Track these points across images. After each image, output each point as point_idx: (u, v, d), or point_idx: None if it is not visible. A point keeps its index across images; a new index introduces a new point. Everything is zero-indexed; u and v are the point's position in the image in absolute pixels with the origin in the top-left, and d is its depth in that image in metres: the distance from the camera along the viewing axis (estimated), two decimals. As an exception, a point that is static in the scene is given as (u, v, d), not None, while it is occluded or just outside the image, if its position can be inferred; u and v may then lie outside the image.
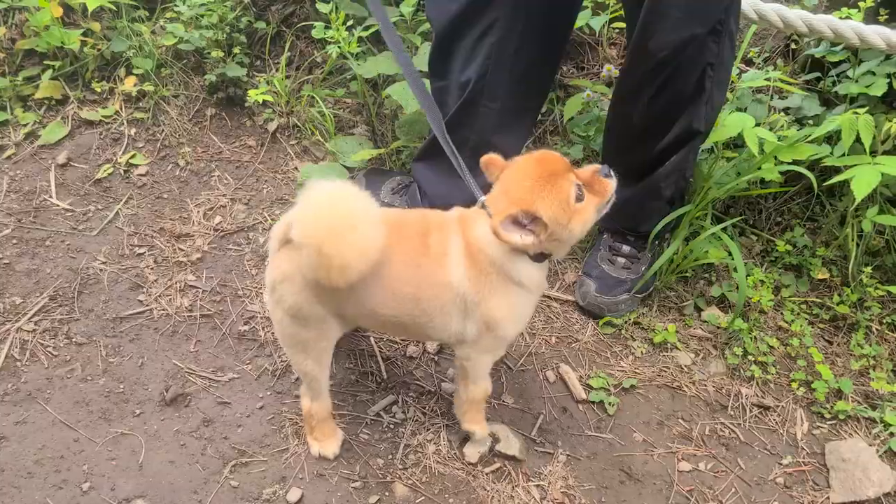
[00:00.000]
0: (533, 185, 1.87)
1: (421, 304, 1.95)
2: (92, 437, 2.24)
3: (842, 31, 2.66)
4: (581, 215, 1.91)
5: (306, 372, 2.08)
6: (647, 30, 2.24)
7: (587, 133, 3.12)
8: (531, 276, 1.97)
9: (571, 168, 1.93)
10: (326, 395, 2.15)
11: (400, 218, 2.07)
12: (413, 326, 2.02)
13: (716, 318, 2.74)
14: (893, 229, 2.83)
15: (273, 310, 2.00)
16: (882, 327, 2.76)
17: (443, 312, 1.97)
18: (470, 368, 2.12)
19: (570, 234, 1.93)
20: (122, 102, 3.25)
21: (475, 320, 1.98)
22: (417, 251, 1.95)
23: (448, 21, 2.46)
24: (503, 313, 1.97)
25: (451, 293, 1.95)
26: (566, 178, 1.89)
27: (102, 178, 3.04)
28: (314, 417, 2.16)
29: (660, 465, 2.33)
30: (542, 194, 1.85)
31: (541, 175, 1.88)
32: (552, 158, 1.94)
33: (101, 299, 2.62)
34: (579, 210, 1.90)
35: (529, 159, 1.94)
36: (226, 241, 2.86)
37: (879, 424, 2.48)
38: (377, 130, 3.26)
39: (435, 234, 1.97)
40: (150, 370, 2.43)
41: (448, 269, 1.94)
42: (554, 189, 1.86)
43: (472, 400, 2.20)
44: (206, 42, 3.23)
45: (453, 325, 2.00)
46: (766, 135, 2.63)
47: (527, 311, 2.08)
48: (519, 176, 1.91)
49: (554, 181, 1.87)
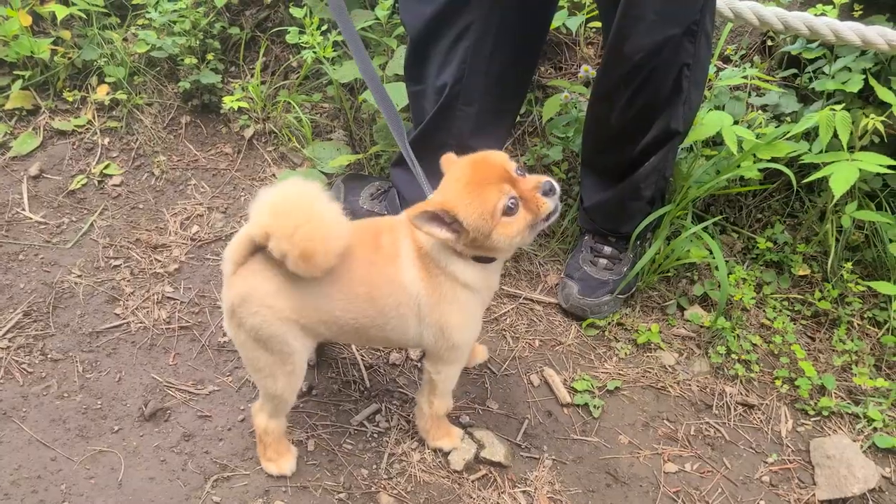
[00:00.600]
0: (461, 188, 1.83)
1: (376, 303, 1.94)
2: (70, 455, 2.19)
3: (817, 27, 2.66)
4: (506, 228, 1.84)
5: (275, 395, 2.02)
6: (622, 33, 2.23)
7: (566, 134, 3.11)
8: (475, 276, 1.96)
9: (511, 176, 1.86)
10: (284, 416, 2.13)
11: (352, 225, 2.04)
12: (373, 330, 1.99)
13: (698, 317, 2.74)
14: (873, 224, 2.84)
15: (235, 335, 1.95)
16: (863, 322, 2.77)
17: (399, 314, 1.96)
18: (439, 382, 2.12)
19: (494, 244, 1.86)
20: (95, 111, 3.21)
21: (429, 325, 1.97)
22: (370, 251, 1.95)
23: (423, 25, 2.44)
24: (454, 319, 1.97)
25: (405, 294, 1.94)
26: (497, 188, 1.82)
27: (76, 190, 2.99)
28: (269, 435, 2.11)
29: (646, 467, 2.33)
30: (467, 200, 1.81)
31: (472, 180, 1.84)
32: (491, 163, 1.88)
33: (76, 313, 2.57)
34: (505, 223, 1.83)
35: (468, 160, 1.90)
36: (203, 250, 2.83)
37: (863, 420, 2.48)
38: (355, 135, 3.23)
39: (386, 235, 1.97)
40: (128, 385, 2.39)
41: (400, 269, 1.94)
42: (479, 197, 1.81)
43: (436, 415, 2.20)
44: (179, 49, 3.19)
45: (411, 330, 1.99)
46: (745, 133, 2.64)
47: (476, 313, 2.05)
48: (455, 175, 1.88)
49: (482, 189, 1.82)
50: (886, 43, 2.57)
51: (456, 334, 1.99)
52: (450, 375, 2.13)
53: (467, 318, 2.02)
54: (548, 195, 1.87)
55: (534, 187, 1.87)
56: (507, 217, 1.84)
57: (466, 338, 2.06)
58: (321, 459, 2.23)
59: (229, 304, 1.90)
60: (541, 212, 1.88)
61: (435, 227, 1.83)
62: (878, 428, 2.45)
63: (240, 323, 1.90)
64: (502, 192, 1.82)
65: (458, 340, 2.01)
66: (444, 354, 2.05)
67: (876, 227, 2.84)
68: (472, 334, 2.09)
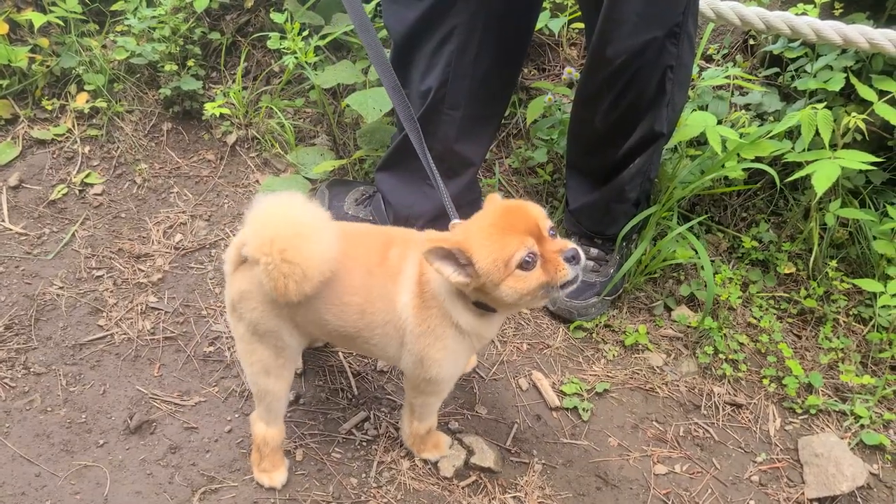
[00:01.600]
0: (485, 230, 1.76)
1: (365, 317, 1.92)
2: (54, 471, 2.16)
3: (798, 27, 2.67)
4: (517, 283, 1.75)
5: (268, 390, 2.03)
6: (605, 35, 2.23)
7: (551, 136, 3.11)
8: (469, 322, 1.90)
9: (539, 232, 1.77)
10: (282, 419, 2.12)
11: (366, 230, 2.07)
12: (359, 340, 1.98)
13: (685, 317, 2.74)
14: (856, 221, 2.86)
15: (234, 328, 2.00)
16: (849, 319, 2.78)
17: (384, 333, 1.94)
18: (417, 408, 2.12)
19: (500, 296, 1.77)
20: (75, 120, 3.16)
21: (410, 353, 1.95)
22: (375, 261, 1.93)
23: (406, 30, 2.43)
24: (436, 354, 1.93)
25: (394, 314, 1.91)
26: (519, 239, 1.74)
27: (57, 200, 2.95)
28: (268, 445, 2.10)
29: (636, 470, 2.33)
30: (486, 242, 1.74)
31: (498, 224, 1.77)
32: (524, 214, 1.79)
33: (59, 326, 2.54)
34: (517, 277, 1.75)
35: (503, 205, 1.83)
36: (187, 259, 2.80)
37: (850, 417, 2.50)
38: (338, 140, 3.21)
39: (396, 249, 1.94)
40: (112, 398, 2.36)
41: (397, 289, 1.90)
42: (499, 243, 1.73)
43: (417, 434, 2.20)
44: (159, 55, 3.16)
45: (391, 350, 1.98)
46: (729, 133, 2.64)
47: (460, 358, 2.01)
48: (484, 215, 1.83)
49: (504, 236, 1.74)
50: (867, 41, 2.58)
51: (434, 368, 1.95)
52: (427, 404, 2.12)
53: (449, 357, 1.95)
54: (570, 262, 1.77)
55: (558, 250, 1.77)
56: (521, 271, 1.75)
57: (444, 375, 1.99)
58: (310, 469, 2.21)
59: (230, 300, 1.95)
60: (558, 276, 1.77)
61: (448, 265, 1.75)
62: (865, 425, 2.47)
63: (240, 317, 1.94)
64: (523, 244, 1.74)
65: (435, 375, 1.96)
66: (421, 385, 2.02)
67: (860, 224, 2.86)
68: (451, 373, 2.03)
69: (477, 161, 2.72)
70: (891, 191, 2.96)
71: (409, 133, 2.12)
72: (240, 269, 1.91)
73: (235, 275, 1.93)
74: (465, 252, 1.74)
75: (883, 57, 2.74)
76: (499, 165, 3.16)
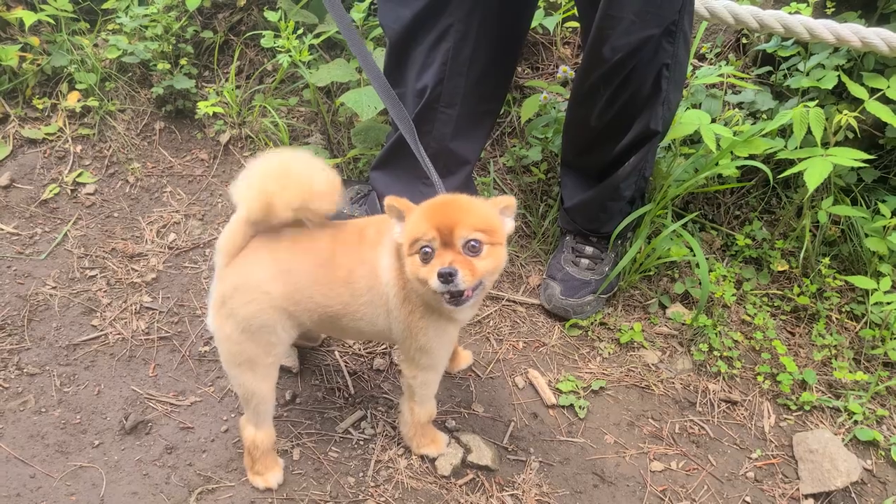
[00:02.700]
0: (421, 207, 1.84)
1: (350, 286, 1.94)
2: (49, 472, 2.15)
3: (791, 26, 2.69)
4: (411, 265, 1.81)
5: (254, 392, 2.01)
6: (602, 33, 2.23)
7: (545, 135, 3.11)
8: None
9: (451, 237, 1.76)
10: (271, 421, 2.10)
11: (342, 223, 2.08)
12: (346, 319, 1.98)
13: (680, 315, 2.75)
14: (848, 219, 2.88)
15: (221, 326, 1.94)
16: (841, 316, 2.80)
17: (370, 302, 1.96)
18: (416, 388, 2.11)
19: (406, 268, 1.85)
20: (66, 119, 3.14)
21: (398, 321, 1.97)
22: (355, 241, 1.98)
23: (402, 28, 2.42)
24: (420, 321, 1.95)
25: (375, 279, 1.94)
26: (427, 229, 1.77)
27: (48, 199, 2.93)
28: (258, 449, 2.09)
29: (632, 467, 2.33)
30: (412, 217, 1.83)
31: (430, 208, 1.83)
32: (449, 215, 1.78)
33: (52, 326, 2.52)
34: (413, 260, 1.81)
35: (446, 198, 1.89)
36: (181, 258, 2.78)
37: (844, 413, 2.51)
38: (332, 139, 3.20)
39: (372, 227, 2.00)
40: (107, 398, 2.34)
41: (377, 255, 1.94)
42: (415, 223, 1.81)
43: (418, 422, 2.19)
44: (151, 54, 3.14)
45: (380, 320, 1.99)
46: (722, 130, 2.65)
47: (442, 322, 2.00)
48: (434, 199, 1.89)
49: (422, 220, 1.79)
50: (860, 40, 2.60)
51: (422, 336, 1.97)
52: (427, 381, 2.11)
53: (432, 323, 1.97)
54: (442, 277, 1.72)
55: (442, 262, 1.74)
56: (416, 257, 1.80)
57: (433, 343, 2.00)
58: (307, 469, 2.21)
59: (220, 295, 1.92)
60: (429, 280, 1.75)
61: (398, 224, 1.88)
62: (858, 421, 2.48)
63: (230, 314, 1.91)
64: (426, 234, 1.77)
65: (424, 343, 1.98)
66: (415, 356, 2.03)
67: (852, 221, 2.88)
68: (439, 341, 2.02)
69: (472, 159, 2.72)
70: (882, 188, 2.98)
71: (405, 134, 2.13)
72: (234, 262, 1.91)
73: (229, 268, 1.92)
74: (405, 217, 1.85)
75: (874, 55, 2.76)
76: (493, 164, 3.17)
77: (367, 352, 2.54)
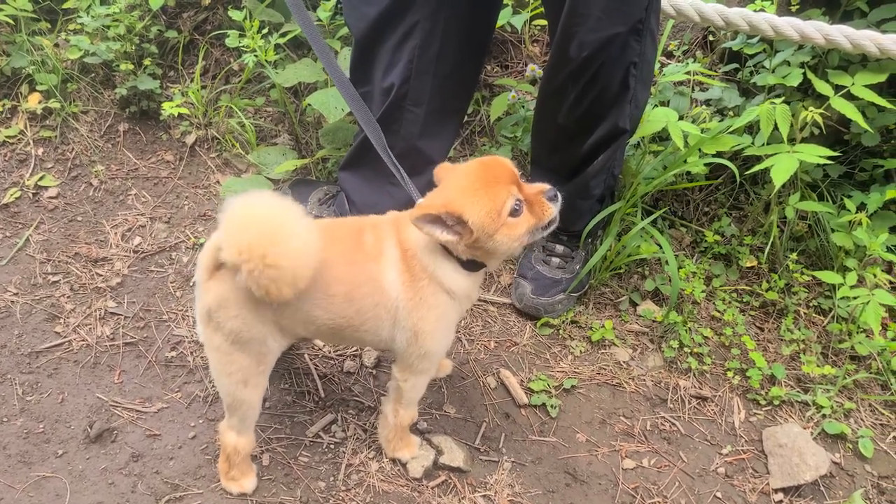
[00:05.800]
0: (468, 188, 1.82)
1: (354, 303, 1.90)
2: (11, 483, 2.10)
3: (756, 23, 2.70)
4: (510, 230, 1.85)
5: (243, 401, 1.97)
6: (569, 31, 2.22)
7: (515, 134, 3.11)
8: (460, 284, 1.94)
9: (517, 180, 1.87)
10: (253, 428, 2.07)
11: (332, 223, 2.05)
12: (348, 330, 1.96)
13: (651, 312, 2.76)
14: (815, 214, 2.91)
15: (210, 339, 1.89)
16: (809, 311, 2.82)
17: (375, 316, 1.93)
18: (406, 391, 2.09)
19: (495, 246, 1.86)
20: (27, 121, 3.08)
21: (404, 329, 1.95)
22: (351, 249, 1.92)
23: (367, 26, 2.40)
24: (430, 325, 1.94)
25: (383, 295, 1.91)
26: (506, 189, 1.83)
27: (10, 203, 2.87)
28: (238, 455, 2.05)
29: (604, 465, 2.33)
30: (474, 199, 1.80)
31: (480, 178, 1.83)
32: (499, 165, 1.87)
33: (13, 333, 2.47)
34: (510, 224, 1.84)
35: (476, 162, 1.90)
36: (147, 262, 2.74)
37: (812, 407, 2.54)
38: (301, 139, 3.17)
39: (369, 233, 1.94)
40: (71, 406, 2.30)
41: (382, 269, 1.91)
42: (488, 196, 1.80)
43: (400, 425, 2.17)
44: (114, 54, 3.08)
45: (384, 332, 1.97)
46: (690, 128, 2.66)
47: (452, 321, 2.03)
48: (459, 176, 1.87)
49: (492, 188, 1.81)
50: (823, 37, 2.62)
51: (429, 341, 1.96)
52: (417, 385, 2.10)
53: (443, 326, 1.99)
54: (552, 201, 1.90)
55: (538, 192, 1.89)
56: (512, 218, 1.84)
57: (438, 347, 2.02)
58: (277, 474, 2.18)
59: (205, 309, 1.85)
60: (545, 216, 1.89)
61: (437, 229, 1.81)
62: (826, 415, 2.51)
63: (217, 327, 1.86)
64: (510, 192, 1.83)
65: (430, 348, 1.98)
66: (415, 362, 2.02)
67: (818, 216, 2.91)
68: (444, 343, 2.06)
69: (440, 158, 2.70)
70: (848, 184, 3.01)
71: (371, 139, 2.11)
72: (216, 276, 1.83)
73: (211, 282, 1.84)
74: (452, 213, 1.79)
75: (839, 52, 2.78)
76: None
77: (337, 354, 2.52)
